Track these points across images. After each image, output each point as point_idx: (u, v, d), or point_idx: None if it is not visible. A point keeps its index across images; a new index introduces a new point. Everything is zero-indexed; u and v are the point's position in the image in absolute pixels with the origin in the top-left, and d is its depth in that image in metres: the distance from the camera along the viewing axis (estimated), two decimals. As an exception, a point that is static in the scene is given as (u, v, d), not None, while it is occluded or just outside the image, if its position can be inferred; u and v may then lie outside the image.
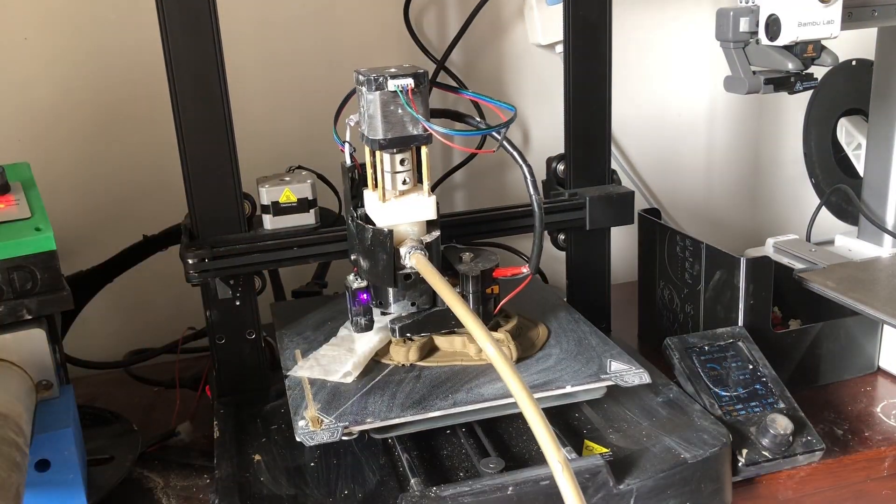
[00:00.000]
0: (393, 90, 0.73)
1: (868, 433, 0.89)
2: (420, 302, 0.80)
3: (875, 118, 1.09)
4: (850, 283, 0.98)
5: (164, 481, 0.86)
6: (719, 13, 0.91)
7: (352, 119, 0.79)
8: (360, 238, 0.78)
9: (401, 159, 0.77)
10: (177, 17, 0.80)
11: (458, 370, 0.82)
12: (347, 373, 0.81)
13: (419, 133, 0.75)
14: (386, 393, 0.79)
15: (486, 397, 0.77)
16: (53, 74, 1.10)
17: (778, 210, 1.48)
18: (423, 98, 0.74)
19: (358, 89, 0.76)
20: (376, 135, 0.74)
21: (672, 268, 1.05)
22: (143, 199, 1.16)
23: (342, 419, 0.74)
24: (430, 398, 0.78)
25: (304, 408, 0.76)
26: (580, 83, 0.97)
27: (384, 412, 0.76)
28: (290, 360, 0.86)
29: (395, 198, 0.78)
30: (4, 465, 0.57)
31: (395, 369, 0.83)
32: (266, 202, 0.88)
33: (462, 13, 1.23)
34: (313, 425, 0.73)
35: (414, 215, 0.78)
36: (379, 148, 0.75)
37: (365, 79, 0.74)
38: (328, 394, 0.79)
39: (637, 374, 0.80)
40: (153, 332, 1.14)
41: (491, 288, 0.81)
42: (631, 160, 1.38)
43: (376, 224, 0.78)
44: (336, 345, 0.87)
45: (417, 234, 0.79)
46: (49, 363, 0.74)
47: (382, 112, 0.74)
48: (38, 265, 0.73)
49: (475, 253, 0.83)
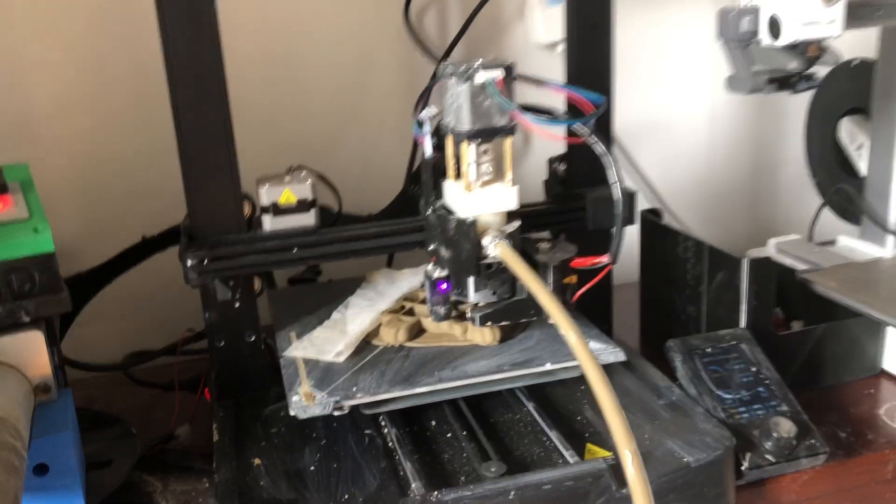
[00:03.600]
0: (482, 82, 0.75)
1: (872, 436, 0.89)
2: (501, 291, 0.82)
3: (877, 118, 1.09)
4: (852, 284, 0.97)
5: (164, 485, 0.85)
6: (721, 13, 0.91)
7: (427, 112, 0.81)
8: (443, 228, 0.81)
9: (485, 150, 0.79)
10: (176, 17, 0.80)
11: (445, 350, 0.87)
12: (339, 352, 0.85)
13: (505, 124, 0.78)
14: (375, 371, 0.83)
15: (469, 374, 0.82)
16: (52, 74, 1.10)
17: (779, 210, 1.48)
18: (510, 89, 0.77)
19: (445, 81, 0.78)
20: (463, 126, 0.77)
21: (674, 269, 1.04)
22: (141, 199, 1.15)
23: (333, 394, 0.78)
24: (417, 375, 0.82)
25: (298, 384, 0.80)
26: (581, 83, 0.96)
27: (373, 388, 0.79)
28: (286, 341, 0.90)
29: (479, 188, 0.80)
30: (2, 470, 0.57)
31: (384, 350, 0.87)
32: (266, 203, 0.88)
33: (463, 12, 1.22)
34: (306, 400, 0.77)
35: (497, 205, 0.80)
36: (467, 139, 0.78)
37: (454, 70, 0.76)
38: (321, 372, 0.83)
39: (612, 352, 0.85)
40: (152, 335, 1.13)
41: (569, 277, 0.82)
42: (633, 160, 1.38)
43: (459, 214, 0.80)
44: (329, 327, 0.91)
45: (498, 224, 0.81)
46: (47, 366, 0.74)
47: (471, 103, 0.76)
48: (36, 267, 0.72)
49: (552, 243, 0.85)
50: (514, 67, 0.77)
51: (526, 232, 0.86)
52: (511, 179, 0.81)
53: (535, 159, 1.30)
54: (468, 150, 0.79)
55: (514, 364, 0.83)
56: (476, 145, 0.79)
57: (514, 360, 0.84)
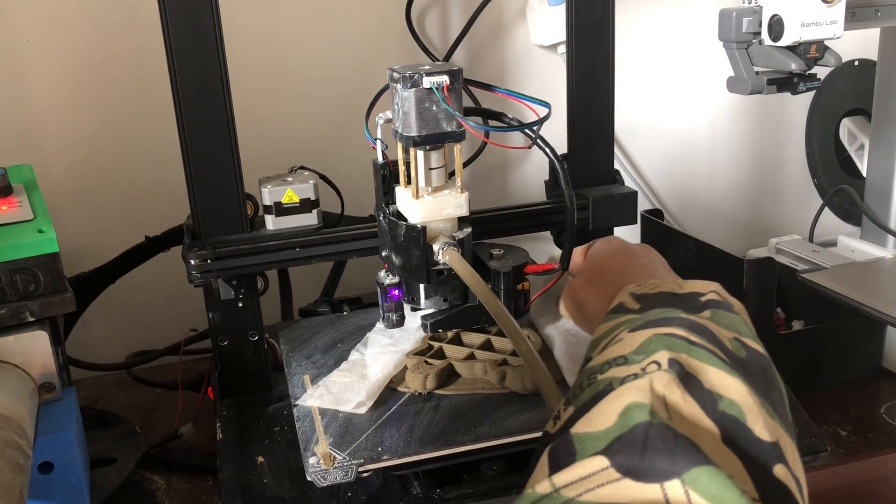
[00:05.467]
0: (428, 87, 0.73)
1: (872, 434, 0.89)
2: (452, 298, 0.80)
3: (878, 118, 1.09)
4: (853, 283, 0.97)
5: (167, 483, 0.85)
6: (722, 14, 0.91)
7: (381, 117, 0.79)
8: (393, 234, 0.79)
9: (434, 156, 0.78)
10: (179, 17, 0.80)
11: (480, 399, 0.78)
12: (361, 402, 0.77)
13: (453, 130, 0.76)
14: (403, 425, 0.74)
15: (511, 431, 0.73)
16: (56, 76, 1.10)
17: (780, 211, 1.48)
18: (457, 95, 0.75)
19: (392, 86, 0.76)
20: (411, 132, 0.75)
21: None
22: (145, 200, 1.16)
23: (356, 455, 0.70)
24: (450, 432, 0.73)
25: (315, 442, 0.72)
26: (582, 84, 0.97)
27: (402, 448, 0.71)
28: (299, 387, 0.81)
29: (427, 194, 0.78)
30: (7, 468, 0.57)
31: (411, 398, 0.79)
32: (268, 202, 0.88)
33: (464, 14, 1.22)
34: (325, 463, 0.69)
35: (446, 212, 0.79)
36: (413, 145, 0.76)
37: (400, 76, 0.74)
38: (340, 426, 0.74)
39: None
40: (155, 334, 1.14)
41: (521, 284, 0.81)
42: (634, 161, 1.38)
43: (409, 220, 0.78)
44: (347, 370, 0.83)
45: (449, 230, 0.79)
46: (51, 365, 0.74)
47: (417, 109, 0.74)
48: (40, 267, 0.73)
49: (505, 249, 0.83)
50: (460, 73, 0.74)
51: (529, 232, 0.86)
52: (461, 186, 0.78)
53: (535, 159, 1.30)
54: (416, 156, 0.77)
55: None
56: (424, 151, 0.77)
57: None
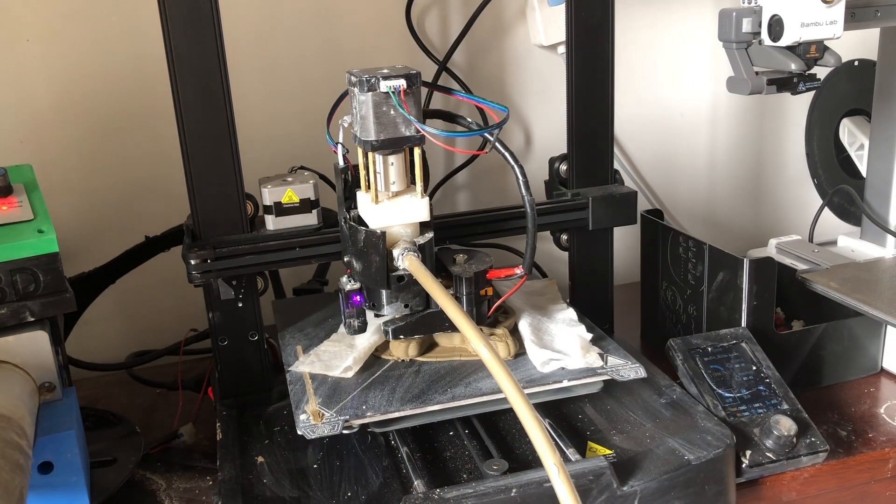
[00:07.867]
0: (385, 91, 0.72)
1: (872, 434, 0.89)
2: (413, 304, 0.79)
3: (878, 118, 1.09)
4: (853, 283, 0.98)
5: (167, 483, 0.85)
6: (722, 14, 0.91)
7: (345, 120, 0.78)
8: (353, 240, 0.78)
9: (393, 161, 0.77)
10: (179, 19, 0.80)
11: (457, 365, 0.83)
12: (348, 368, 0.82)
13: (412, 134, 0.75)
14: (386, 387, 0.80)
15: (484, 391, 0.79)
16: (56, 76, 1.10)
17: (780, 211, 1.48)
18: (415, 99, 0.74)
19: (350, 90, 0.75)
20: (368, 136, 0.74)
21: (675, 269, 1.05)
22: (145, 200, 1.16)
23: (343, 413, 0.76)
24: (429, 392, 0.79)
25: (306, 402, 0.77)
26: (582, 84, 0.97)
27: (384, 406, 0.77)
28: (292, 355, 0.87)
29: (387, 199, 0.78)
30: (7, 468, 0.57)
31: (394, 364, 0.84)
32: (268, 203, 0.88)
33: (464, 14, 1.22)
34: (314, 419, 0.75)
35: (407, 217, 0.78)
36: (371, 149, 0.75)
37: (357, 79, 0.73)
38: (329, 388, 0.80)
39: (633, 368, 0.82)
40: (155, 334, 1.14)
41: (485, 289, 0.80)
42: (633, 161, 1.38)
43: (369, 226, 0.78)
44: (337, 341, 0.88)
45: (411, 235, 0.79)
46: (51, 365, 0.74)
47: (375, 113, 0.73)
48: (40, 267, 0.73)
49: (469, 254, 0.82)
50: (418, 77, 0.73)
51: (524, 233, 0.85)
52: (421, 190, 0.78)
53: (536, 160, 1.31)
54: (374, 161, 0.76)
55: (530, 380, 0.80)
56: (383, 156, 0.76)
57: (531, 377, 0.80)
